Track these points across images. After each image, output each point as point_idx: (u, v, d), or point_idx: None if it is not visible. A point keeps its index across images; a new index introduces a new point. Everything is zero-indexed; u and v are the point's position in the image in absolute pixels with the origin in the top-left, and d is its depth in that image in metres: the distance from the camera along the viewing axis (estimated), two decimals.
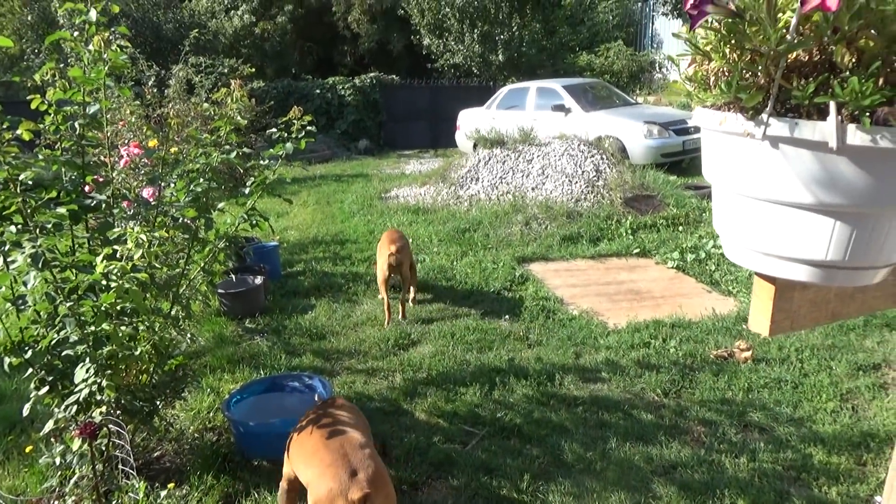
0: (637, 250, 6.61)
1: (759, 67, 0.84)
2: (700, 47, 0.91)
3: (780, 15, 0.81)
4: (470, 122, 12.97)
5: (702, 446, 3.29)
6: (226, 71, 14.38)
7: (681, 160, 10.50)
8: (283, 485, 2.63)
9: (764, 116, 0.85)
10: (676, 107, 11.94)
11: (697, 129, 10.55)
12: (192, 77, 13.38)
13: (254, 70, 15.39)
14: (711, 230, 6.74)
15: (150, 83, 11.44)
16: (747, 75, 0.87)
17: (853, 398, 3.71)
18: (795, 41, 0.80)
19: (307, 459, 2.37)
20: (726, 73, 0.90)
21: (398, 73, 18.90)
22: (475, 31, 16.60)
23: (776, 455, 3.20)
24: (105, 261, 2.59)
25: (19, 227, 2.58)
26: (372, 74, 17.58)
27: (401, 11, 18.49)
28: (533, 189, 8.28)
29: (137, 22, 15.61)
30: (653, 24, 17.12)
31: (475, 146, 10.98)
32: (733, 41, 0.86)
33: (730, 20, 0.84)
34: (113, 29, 3.08)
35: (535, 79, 14.06)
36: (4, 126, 2.56)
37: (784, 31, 0.80)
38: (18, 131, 2.56)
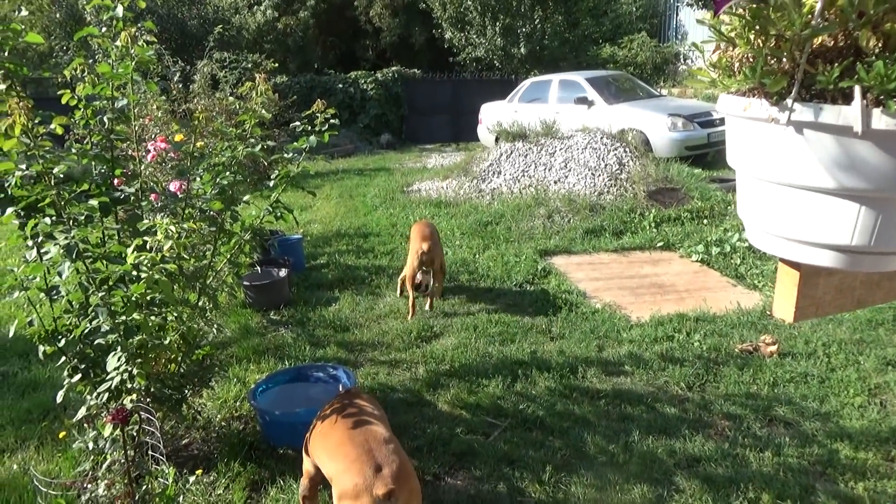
0: (661, 244, 6.56)
1: (784, 53, 0.84)
2: (724, 33, 0.92)
3: (804, 0, 0.81)
4: (492, 115, 12.94)
5: (726, 440, 3.27)
6: (249, 66, 14.51)
7: (706, 153, 10.37)
8: (304, 482, 2.63)
9: (788, 102, 0.85)
10: (701, 98, 11.79)
11: (723, 122, 10.48)
12: (216, 72, 13.55)
13: (277, 65, 15.49)
14: (736, 223, 6.66)
15: (175, 79, 11.61)
16: (771, 61, 0.87)
17: (882, 393, 3.66)
18: (821, 26, 0.80)
19: (331, 453, 2.37)
20: (750, 59, 0.90)
21: (420, 67, 18.90)
22: (497, 24, 16.53)
23: (802, 450, 3.17)
24: (135, 252, 2.65)
25: (53, 219, 2.64)
26: (394, 68, 17.61)
27: (422, 5, 18.48)
28: (555, 182, 8.25)
29: (163, 18, 15.82)
30: (677, 15, 16.88)
31: (497, 140, 10.96)
32: (758, 27, 0.86)
33: (754, 5, 0.84)
34: (139, 24, 3.13)
35: (558, 71, 13.98)
36: (37, 120, 2.63)
37: (809, 15, 0.80)
38: (52, 126, 2.62)
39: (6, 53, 2.78)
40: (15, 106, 2.27)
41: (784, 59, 0.86)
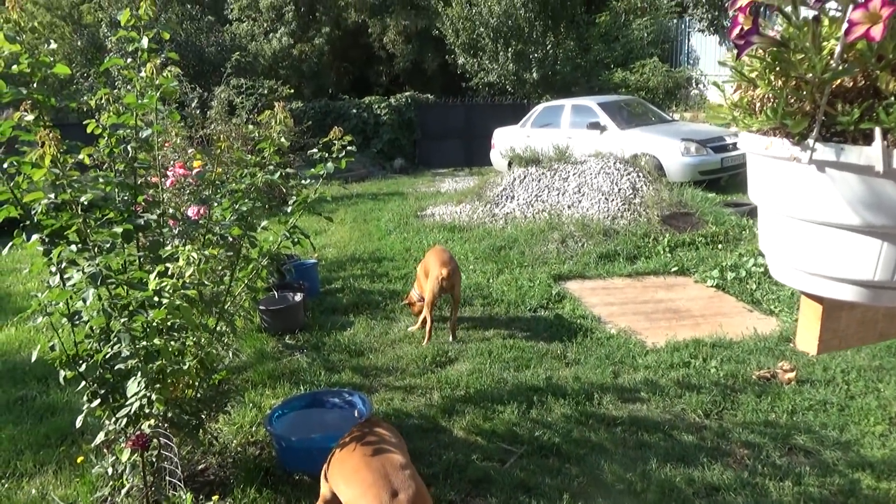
0: (675, 268, 6.54)
1: (805, 94, 0.87)
2: (745, 74, 0.94)
3: (824, 44, 0.83)
4: (505, 140, 13.02)
5: (745, 469, 3.24)
6: (265, 92, 14.74)
7: (719, 177, 10.36)
8: None
9: (810, 141, 0.87)
10: (713, 123, 11.80)
11: (736, 146, 10.40)
12: (233, 98, 13.77)
13: (292, 91, 15.71)
14: (752, 248, 6.64)
15: (192, 104, 11.81)
16: (792, 101, 0.89)
17: None
18: (840, 69, 0.82)
19: (348, 479, 2.39)
20: (772, 100, 0.93)
21: (433, 92, 19.09)
22: (509, 49, 16.71)
23: (822, 479, 3.13)
24: (157, 278, 2.69)
25: (78, 246, 2.69)
26: (407, 93, 17.81)
27: (435, 32, 18.72)
28: (569, 207, 8.28)
29: (181, 46, 16.14)
30: (689, 40, 16.98)
31: (510, 164, 11.01)
32: (778, 69, 0.89)
33: (775, 49, 0.87)
34: (163, 55, 3.21)
35: (570, 96, 14.07)
36: (63, 149, 2.69)
37: (828, 58, 0.83)
38: (80, 156, 2.68)
39: (34, 85, 2.86)
40: (46, 137, 2.33)
41: (805, 100, 0.88)
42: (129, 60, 3.13)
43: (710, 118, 1.09)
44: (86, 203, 2.77)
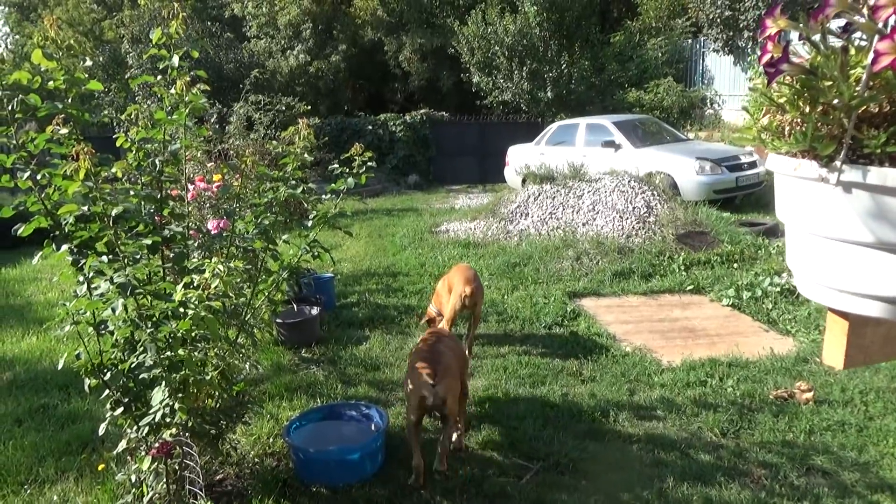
0: (690, 287, 6.54)
1: (832, 119, 0.91)
2: (775, 100, 0.98)
3: (851, 72, 0.87)
4: (519, 157, 13.09)
5: (762, 489, 3.23)
6: (283, 108, 14.93)
7: (734, 196, 10.35)
8: None
9: (837, 163, 0.91)
10: (729, 142, 11.80)
11: (751, 165, 10.39)
12: (251, 114, 13.97)
13: (309, 107, 15.90)
14: (768, 267, 6.63)
15: (212, 120, 11.99)
16: (821, 126, 0.93)
17: None
18: (867, 96, 0.86)
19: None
20: (801, 124, 0.97)
21: (447, 110, 19.24)
22: (524, 68, 16.83)
23: (841, 500, 3.11)
24: (183, 289, 2.75)
25: (109, 257, 2.76)
26: (422, 111, 17.98)
27: (451, 50, 18.90)
28: (583, 224, 8.30)
29: (201, 62, 16.39)
30: (703, 60, 17.03)
31: (524, 182, 11.06)
32: (807, 95, 0.93)
33: (804, 76, 0.91)
34: (192, 73, 3.30)
35: (584, 115, 14.14)
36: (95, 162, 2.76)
37: (855, 86, 0.87)
38: (114, 170, 2.76)
39: (69, 100, 2.95)
40: (82, 151, 2.41)
41: (832, 125, 0.92)
42: (158, 77, 3.22)
43: (741, 140, 1.12)
44: (114, 215, 2.84)
